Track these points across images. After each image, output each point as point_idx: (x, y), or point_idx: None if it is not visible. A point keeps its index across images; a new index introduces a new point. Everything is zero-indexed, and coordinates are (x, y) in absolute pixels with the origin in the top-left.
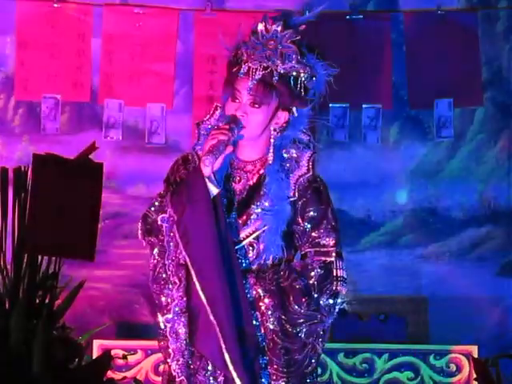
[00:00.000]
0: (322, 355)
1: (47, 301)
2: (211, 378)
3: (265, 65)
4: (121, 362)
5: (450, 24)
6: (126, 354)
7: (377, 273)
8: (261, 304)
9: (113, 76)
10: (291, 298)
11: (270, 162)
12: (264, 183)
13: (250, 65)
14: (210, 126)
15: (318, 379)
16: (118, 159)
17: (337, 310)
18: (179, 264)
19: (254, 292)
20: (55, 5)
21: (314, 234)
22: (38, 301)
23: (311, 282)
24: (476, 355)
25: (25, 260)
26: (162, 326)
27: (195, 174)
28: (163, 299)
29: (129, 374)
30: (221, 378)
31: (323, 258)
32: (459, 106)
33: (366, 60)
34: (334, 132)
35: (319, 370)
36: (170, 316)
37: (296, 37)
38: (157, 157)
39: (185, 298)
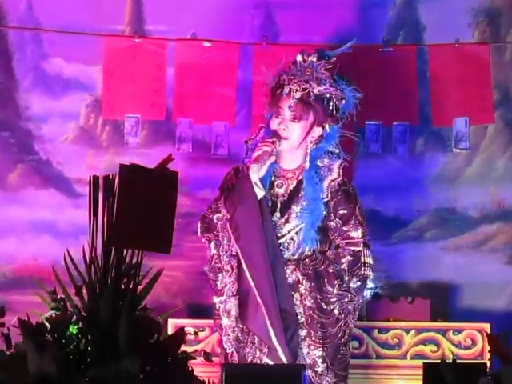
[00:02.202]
0: (360, 331)
1: (131, 286)
2: (257, 350)
3: (303, 87)
4: (192, 337)
5: (466, 54)
6: (196, 330)
7: (405, 262)
8: (299, 286)
9: (184, 98)
10: (325, 281)
11: (307, 169)
12: (302, 187)
13: (290, 87)
14: (253, 143)
15: (355, 351)
16: (189, 168)
17: (365, 291)
18: (231, 255)
19: (294, 276)
20: (136, 40)
21: (344, 228)
22: (123, 287)
23: (342, 267)
24: (488, 331)
25: (112, 253)
26: (217, 307)
27: (245, 180)
28: (218, 284)
29: (198, 347)
30: (265, 350)
31: (352, 248)
32: (474, 123)
33: (396, 84)
34: (369, 145)
35: (356, 344)
36: (222, 298)
37: (328, 66)
38: (221, 166)
39: (236, 283)
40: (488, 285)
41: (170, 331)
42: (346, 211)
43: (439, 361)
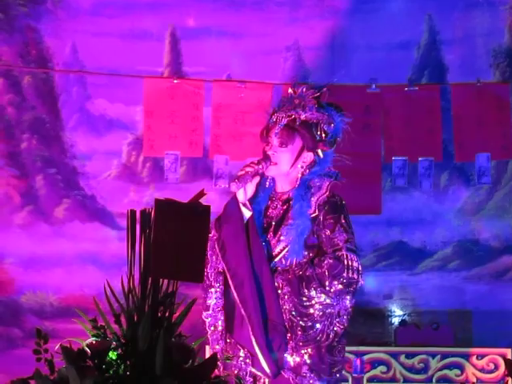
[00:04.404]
0: (388, 356)
1: (167, 314)
2: (242, 363)
3: (289, 114)
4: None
5: (487, 93)
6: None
7: (431, 291)
8: (279, 291)
9: (220, 137)
10: (303, 284)
11: (296, 187)
12: (291, 205)
13: (277, 115)
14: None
15: (383, 375)
16: (225, 202)
17: (350, 295)
18: (219, 272)
19: (277, 284)
20: (175, 81)
21: (331, 236)
22: (159, 314)
23: (323, 270)
24: (510, 356)
25: (149, 282)
26: (205, 322)
27: (232, 200)
28: (207, 301)
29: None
30: (249, 361)
31: (337, 253)
32: (495, 158)
33: (421, 122)
34: (396, 179)
35: (385, 368)
36: (209, 312)
37: (316, 94)
38: None
39: (222, 299)
40: (509, 312)
41: (206, 357)
42: (332, 220)
43: None
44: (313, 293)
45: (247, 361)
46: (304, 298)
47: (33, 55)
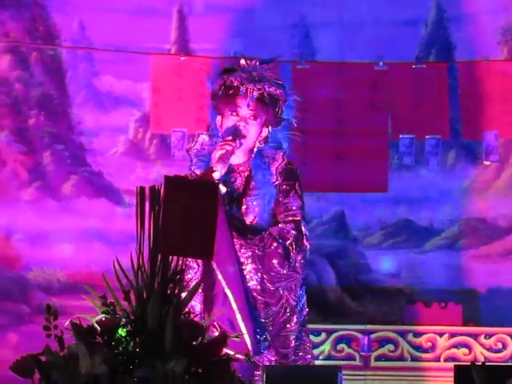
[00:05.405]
0: (395, 335)
1: (176, 292)
2: None
3: (259, 86)
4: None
5: (495, 71)
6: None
7: (438, 269)
8: (244, 267)
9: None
10: (275, 262)
11: (253, 157)
12: (252, 175)
13: (247, 87)
14: (195, 150)
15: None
16: None
17: (306, 266)
18: None
19: (242, 259)
20: (182, 58)
21: (285, 201)
22: (168, 292)
23: (289, 241)
24: None
25: (158, 259)
26: None
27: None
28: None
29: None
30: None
31: (291, 218)
32: (503, 136)
33: (428, 100)
34: (403, 158)
35: (392, 347)
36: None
37: (270, 69)
38: None
39: (201, 280)
40: None
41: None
42: (287, 187)
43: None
44: (285, 270)
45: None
46: (275, 275)
47: (40, 31)
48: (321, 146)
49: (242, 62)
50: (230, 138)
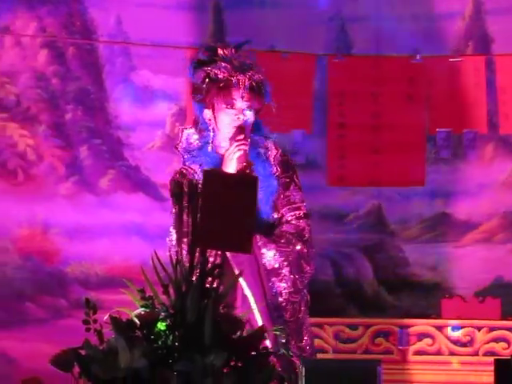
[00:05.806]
0: (433, 329)
1: (215, 285)
2: None
3: (248, 75)
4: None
5: None
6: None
7: (476, 263)
8: (280, 271)
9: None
10: (303, 261)
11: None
12: (252, 168)
13: (238, 78)
14: (184, 146)
15: (428, 348)
16: None
17: None
18: None
19: (275, 263)
20: None
21: (286, 193)
22: (207, 285)
23: (305, 239)
24: None
25: (197, 253)
26: None
27: None
28: None
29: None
30: None
31: (297, 212)
32: None
33: (465, 93)
34: (440, 151)
35: (430, 341)
36: None
37: (245, 56)
38: (299, 171)
39: None
40: None
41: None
42: (287, 179)
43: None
44: (308, 266)
45: None
46: (302, 274)
47: (77, 26)
48: (358, 140)
49: (220, 51)
50: (242, 136)
